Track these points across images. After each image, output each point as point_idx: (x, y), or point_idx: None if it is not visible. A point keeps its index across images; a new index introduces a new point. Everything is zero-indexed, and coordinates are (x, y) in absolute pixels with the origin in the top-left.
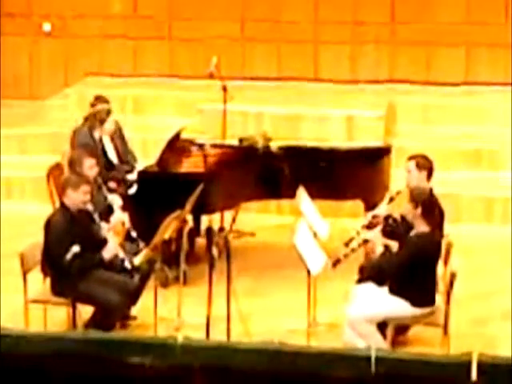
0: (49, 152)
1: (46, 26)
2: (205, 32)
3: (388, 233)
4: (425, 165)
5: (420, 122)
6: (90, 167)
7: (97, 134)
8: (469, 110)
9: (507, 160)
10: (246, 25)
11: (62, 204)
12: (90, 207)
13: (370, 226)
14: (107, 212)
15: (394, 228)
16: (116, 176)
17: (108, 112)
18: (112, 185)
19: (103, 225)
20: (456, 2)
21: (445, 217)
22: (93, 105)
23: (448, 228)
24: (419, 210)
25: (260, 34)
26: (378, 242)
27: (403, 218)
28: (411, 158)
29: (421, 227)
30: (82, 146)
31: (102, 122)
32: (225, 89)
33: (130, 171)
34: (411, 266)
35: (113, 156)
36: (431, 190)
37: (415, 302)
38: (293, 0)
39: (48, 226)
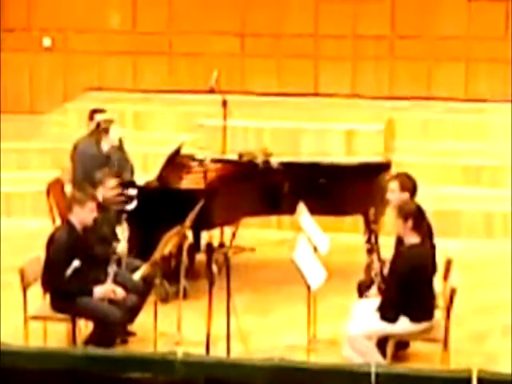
0: (48, 167)
1: (46, 41)
2: (205, 47)
3: None
4: (408, 185)
5: (420, 137)
6: (112, 188)
7: (105, 146)
8: (469, 125)
9: (507, 175)
10: (246, 40)
11: (68, 221)
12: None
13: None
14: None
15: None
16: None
17: (110, 121)
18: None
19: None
20: (456, 17)
21: (433, 231)
22: (91, 118)
23: (448, 243)
24: (410, 223)
25: (260, 49)
26: None
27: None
28: (394, 177)
29: (411, 239)
30: (91, 158)
31: (107, 131)
32: (225, 104)
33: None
34: (407, 279)
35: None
36: (418, 204)
37: (414, 318)
38: (293, 15)
39: (51, 242)
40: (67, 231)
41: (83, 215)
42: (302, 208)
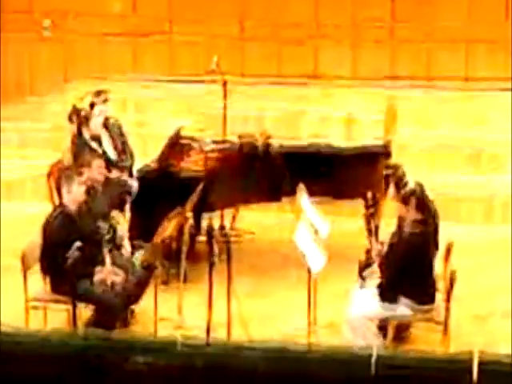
0: (49, 151)
1: (46, 25)
2: (205, 32)
3: None
4: (392, 178)
5: (420, 123)
6: (98, 168)
7: (86, 133)
8: (469, 112)
9: (507, 161)
10: (246, 24)
11: (61, 203)
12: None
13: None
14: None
15: None
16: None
17: (91, 105)
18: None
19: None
20: (456, 1)
21: (437, 212)
22: (90, 104)
23: (448, 229)
24: (412, 205)
25: (260, 34)
26: None
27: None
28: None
29: (413, 221)
30: (76, 148)
31: (87, 119)
32: (225, 89)
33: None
34: (408, 260)
35: (111, 153)
36: (421, 185)
37: (415, 300)
38: None
39: (47, 226)
40: (61, 214)
41: (72, 193)
42: (301, 191)
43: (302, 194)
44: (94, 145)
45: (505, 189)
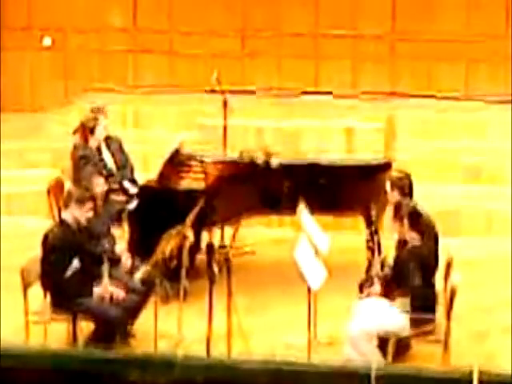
0: (49, 166)
1: (47, 40)
2: (205, 46)
3: None
4: (397, 183)
5: (420, 135)
6: (98, 185)
7: (92, 144)
8: (469, 124)
9: (507, 174)
10: (247, 39)
11: (61, 220)
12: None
13: None
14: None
15: None
16: (118, 188)
17: (95, 119)
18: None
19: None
20: (456, 17)
21: (436, 228)
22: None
23: (448, 241)
24: (406, 224)
25: (260, 49)
26: None
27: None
28: (388, 177)
29: (413, 241)
30: (81, 158)
31: (92, 131)
32: (225, 104)
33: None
34: (409, 276)
35: (112, 167)
36: (415, 205)
37: (415, 317)
38: (293, 14)
39: (46, 241)
40: (61, 230)
41: (79, 214)
42: (302, 207)
43: (303, 210)
44: (97, 156)
45: (505, 201)
